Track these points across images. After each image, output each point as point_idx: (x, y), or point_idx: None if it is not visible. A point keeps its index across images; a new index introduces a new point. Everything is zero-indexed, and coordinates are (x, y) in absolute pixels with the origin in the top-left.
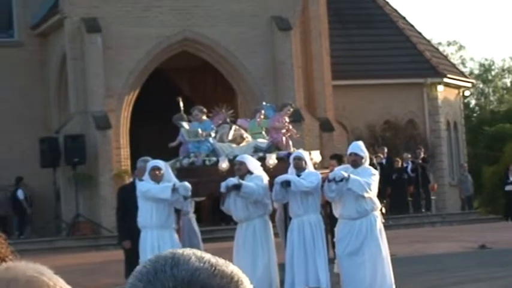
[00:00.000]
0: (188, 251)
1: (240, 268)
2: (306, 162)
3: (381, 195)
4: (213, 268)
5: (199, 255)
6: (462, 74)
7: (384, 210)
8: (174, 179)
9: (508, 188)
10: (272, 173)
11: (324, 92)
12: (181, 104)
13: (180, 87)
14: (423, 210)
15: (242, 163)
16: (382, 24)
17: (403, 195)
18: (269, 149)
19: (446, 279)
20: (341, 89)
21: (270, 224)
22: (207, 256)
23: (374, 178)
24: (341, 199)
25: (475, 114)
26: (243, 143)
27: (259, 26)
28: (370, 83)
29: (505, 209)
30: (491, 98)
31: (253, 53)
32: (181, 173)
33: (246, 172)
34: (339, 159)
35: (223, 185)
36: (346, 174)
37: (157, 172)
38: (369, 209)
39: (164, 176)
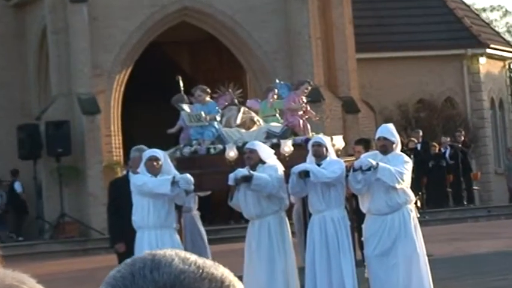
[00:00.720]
0: (170, 252)
1: (255, 275)
2: (327, 149)
3: (415, 186)
4: (200, 271)
5: (184, 256)
6: (508, 43)
7: (419, 204)
8: (174, 171)
9: None
10: (288, 162)
11: (347, 67)
12: (181, 84)
13: (179, 64)
14: (465, 203)
15: (253, 151)
16: None
17: (441, 186)
18: (284, 134)
19: (491, 283)
20: (367, 63)
21: (287, 222)
22: (193, 257)
23: (407, 166)
24: (369, 191)
25: None
26: (254, 128)
27: None
28: (401, 56)
29: None
30: None
31: (264, 22)
32: (182, 164)
33: (257, 161)
34: (366, 144)
35: (231, 176)
36: (374, 162)
37: (154, 163)
38: (402, 202)
39: (162, 167)
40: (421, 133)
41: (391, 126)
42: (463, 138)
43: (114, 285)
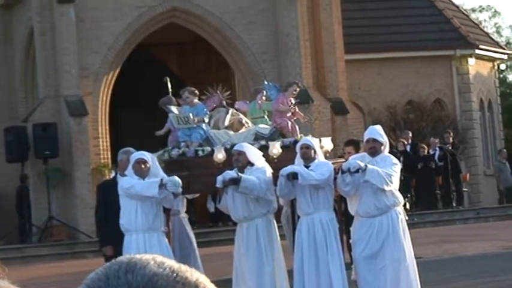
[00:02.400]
0: (147, 256)
1: (244, 278)
2: (315, 151)
3: (404, 188)
4: (174, 274)
5: (160, 260)
6: (497, 44)
7: (408, 206)
8: (162, 173)
9: None
10: (276, 164)
11: (336, 69)
12: (169, 85)
13: (167, 65)
14: (454, 205)
15: (241, 153)
16: None
17: (430, 188)
18: (272, 136)
19: (480, 285)
20: (356, 65)
21: (275, 224)
22: (170, 262)
23: (395, 168)
24: (357, 193)
25: None
26: (242, 130)
27: None
28: (389, 57)
29: None
30: None
31: (253, 24)
32: (170, 166)
33: (245, 163)
34: (357, 145)
35: (219, 179)
36: (362, 164)
37: (142, 165)
38: (390, 204)
39: (150, 170)
40: (410, 134)
41: (379, 127)
42: (452, 139)
43: (89, 286)
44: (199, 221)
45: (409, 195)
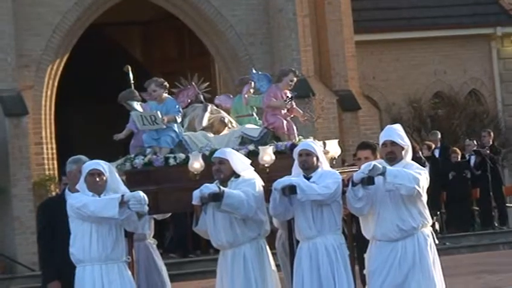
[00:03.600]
0: None
1: None
2: (318, 158)
3: (432, 204)
4: None
5: None
6: None
7: (437, 227)
8: (123, 188)
9: None
10: (269, 175)
11: (344, 52)
12: (131, 76)
13: (129, 50)
14: (496, 225)
15: (223, 161)
16: None
17: (465, 204)
18: (263, 139)
19: None
20: (369, 47)
21: (268, 251)
22: None
23: (422, 176)
24: (373, 211)
25: None
26: (225, 131)
27: None
28: (412, 37)
29: None
30: None
31: None
32: (133, 179)
33: (229, 174)
34: (372, 150)
35: (196, 194)
36: (380, 166)
37: (97, 178)
38: (417, 224)
39: (108, 183)
40: (439, 136)
41: (399, 127)
42: (491, 141)
43: None
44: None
45: (438, 213)
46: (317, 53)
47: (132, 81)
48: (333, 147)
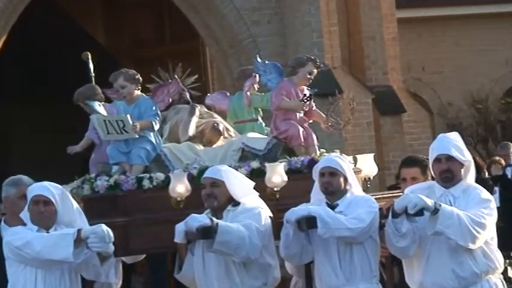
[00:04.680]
0: None
1: None
2: (346, 179)
3: (504, 243)
4: None
5: None
6: None
7: (510, 273)
8: (81, 221)
9: None
10: (279, 202)
11: (382, 34)
12: (91, 66)
13: (89, 32)
14: None
15: (217, 183)
16: None
17: None
18: (271, 153)
19: None
20: (416, 28)
21: None
22: None
23: (489, 210)
24: (421, 252)
25: None
26: (219, 142)
27: None
28: (476, 13)
29: None
30: None
31: None
32: (94, 207)
33: (225, 201)
34: (421, 168)
35: (179, 229)
36: (429, 202)
37: (42, 208)
38: (481, 271)
39: (58, 214)
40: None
41: (457, 137)
42: None
43: None
44: None
45: None
46: (345, 35)
47: (93, 74)
48: (367, 164)
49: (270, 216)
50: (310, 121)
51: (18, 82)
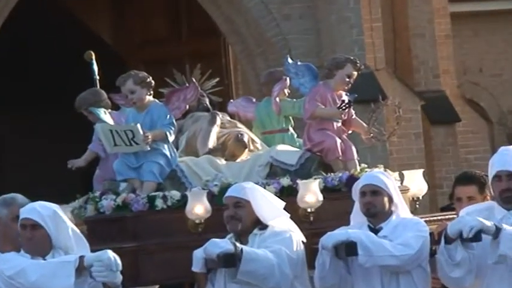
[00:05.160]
0: None
1: None
2: (391, 199)
3: None
4: None
5: None
6: None
7: None
8: (82, 246)
9: None
10: (313, 225)
11: (433, 31)
12: (95, 68)
13: (92, 28)
14: None
15: (241, 203)
16: None
17: None
18: (305, 169)
19: None
20: (472, 23)
21: None
22: None
23: None
24: (479, 282)
25: None
26: (244, 155)
27: None
28: None
29: None
30: None
31: None
32: (99, 231)
33: (250, 224)
34: (479, 186)
35: (198, 256)
36: (488, 223)
37: (28, 233)
38: None
39: (52, 239)
40: None
41: None
42: None
43: None
44: None
45: None
46: (390, 32)
47: (97, 77)
48: (416, 182)
49: (302, 242)
50: (350, 131)
51: (12, 83)
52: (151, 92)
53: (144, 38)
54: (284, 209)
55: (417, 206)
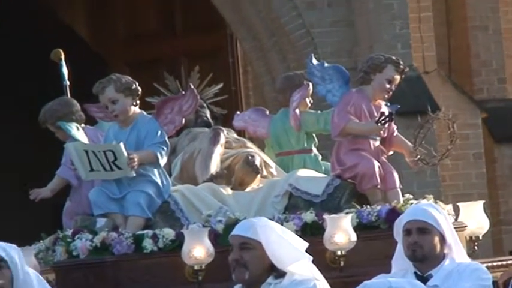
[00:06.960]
0: None
1: None
2: (443, 238)
3: None
4: None
5: None
6: None
7: None
8: None
9: None
10: (343, 271)
11: (499, 27)
12: (64, 71)
13: (65, 22)
14: None
15: (250, 244)
16: None
17: None
18: (333, 200)
19: None
20: None
21: None
22: None
23: None
24: None
25: None
26: (255, 183)
27: None
28: None
29: None
30: None
31: None
32: (71, 279)
33: (262, 272)
34: None
35: None
36: None
37: None
38: None
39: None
40: None
41: None
42: None
43: None
44: None
45: None
46: (443, 25)
47: (67, 82)
48: (475, 217)
49: None
50: (391, 153)
51: None
52: (138, 102)
53: (129, 32)
54: (306, 251)
55: (476, 247)
